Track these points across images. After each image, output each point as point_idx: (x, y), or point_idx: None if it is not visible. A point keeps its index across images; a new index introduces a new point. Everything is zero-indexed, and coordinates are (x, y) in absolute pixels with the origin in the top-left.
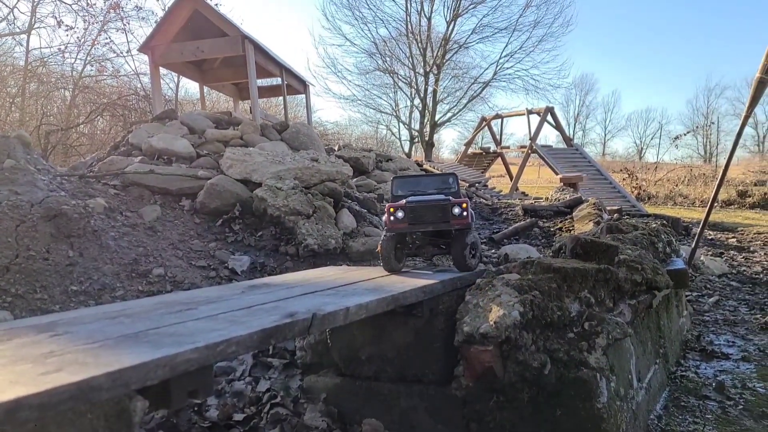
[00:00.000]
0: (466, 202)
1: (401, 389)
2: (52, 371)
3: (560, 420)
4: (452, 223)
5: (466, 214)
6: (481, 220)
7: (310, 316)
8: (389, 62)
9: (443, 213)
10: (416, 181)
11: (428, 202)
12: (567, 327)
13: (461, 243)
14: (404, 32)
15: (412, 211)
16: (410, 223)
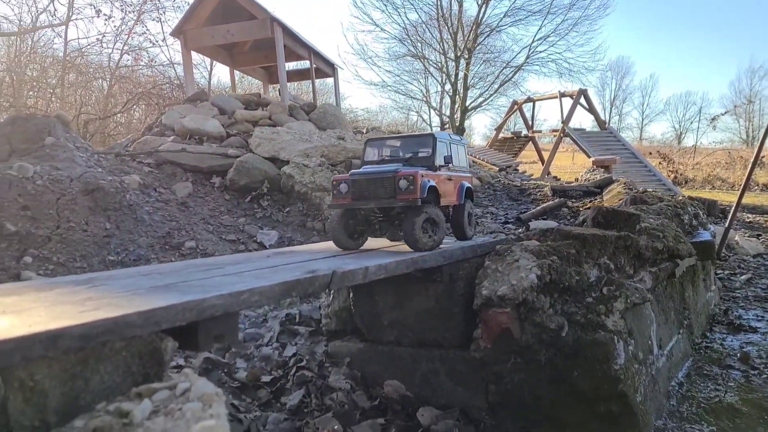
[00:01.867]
0: (415, 174)
1: (422, 353)
2: (90, 310)
3: (577, 380)
4: (398, 199)
5: (414, 187)
6: (509, 200)
7: (330, 273)
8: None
9: (386, 187)
10: (390, 143)
11: (371, 175)
12: (585, 291)
13: (412, 220)
14: (435, 16)
15: (354, 185)
16: (353, 198)
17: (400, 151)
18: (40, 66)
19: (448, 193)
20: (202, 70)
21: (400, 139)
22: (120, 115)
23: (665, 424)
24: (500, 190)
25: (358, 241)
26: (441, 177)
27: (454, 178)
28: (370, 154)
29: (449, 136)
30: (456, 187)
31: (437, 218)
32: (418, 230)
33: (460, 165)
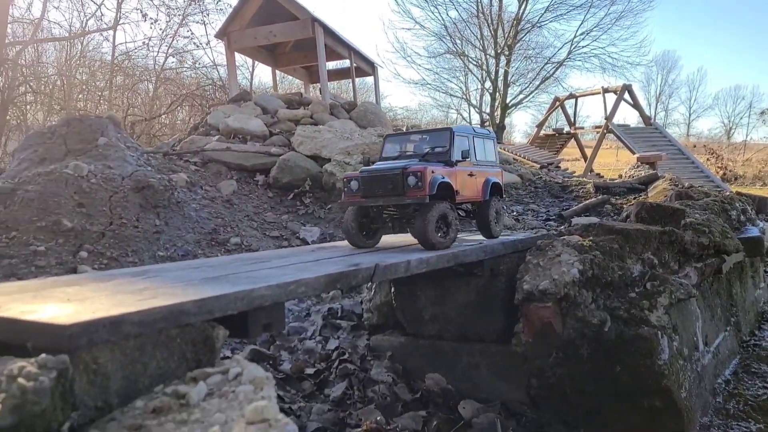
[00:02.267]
0: (423, 170)
1: (463, 347)
2: (147, 299)
3: (620, 376)
4: (406, 196)
5: (422, 184)
6: (551, 197)
7: (373, 266)
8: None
9: (395, 184)
10: (409, 139)
11: (380, 172)
12: (628, 286)
13: (423, 218)
14: (475, 13)
15: (364, 182)
16: (364, 195)
17: (418, 147)
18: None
19: (470, 189)
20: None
21: (418, 135)
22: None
23: (711, 421)
24: (541, 187)
25: (372, 240)
26: (458, 172)
27: (478, 174)
28: (389, 150)
29: (473, 130)
30: (480, 182)
31: (450, 216)
32: (431, 228)
33: (487, 160)
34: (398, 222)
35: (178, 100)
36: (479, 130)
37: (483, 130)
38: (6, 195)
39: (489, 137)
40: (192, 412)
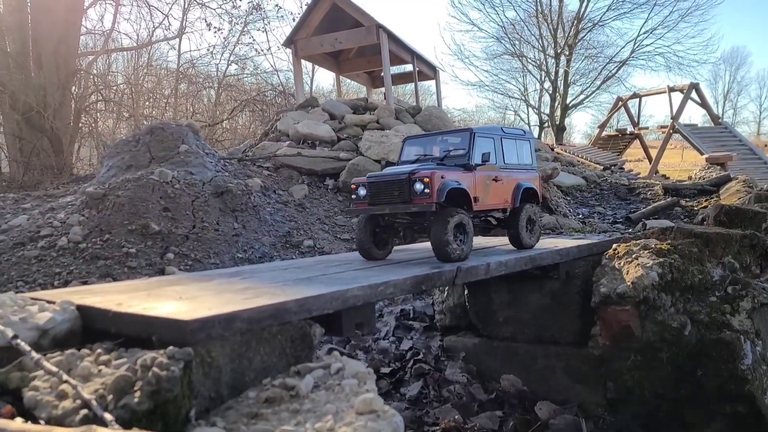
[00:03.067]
0: (429, 176)
1: (538, 350)
2: (251, 297)
3: (702, 380)
4: (413, 203)
5: (429, 191)
6: (617, 199)
7: (455, 269)
8: (518, 45)
9: (402, 190)
10: (428, 141)
11: (387, 177)
12: (708, 290)
13: (438, 227)
14: (533, 13)
15: (371, 188)
16: (371, 202)
17: (437, 150)
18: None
19: (494, 195)
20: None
21: (438, 136)
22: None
23: None
24: (607, 189)
25: (384, 250)
26: (478, 177)
27: (506, 179)
28: (408, 153)
29: (501, 131)
30: (509, 188)
31: (466, 225)
32: (449, 238)
33: (520, 163)
34: (409, 231)
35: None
36: (510, 130)
37: (516, 131)
38: (98, 200)
39: (524, 138)
40: (302, 402)
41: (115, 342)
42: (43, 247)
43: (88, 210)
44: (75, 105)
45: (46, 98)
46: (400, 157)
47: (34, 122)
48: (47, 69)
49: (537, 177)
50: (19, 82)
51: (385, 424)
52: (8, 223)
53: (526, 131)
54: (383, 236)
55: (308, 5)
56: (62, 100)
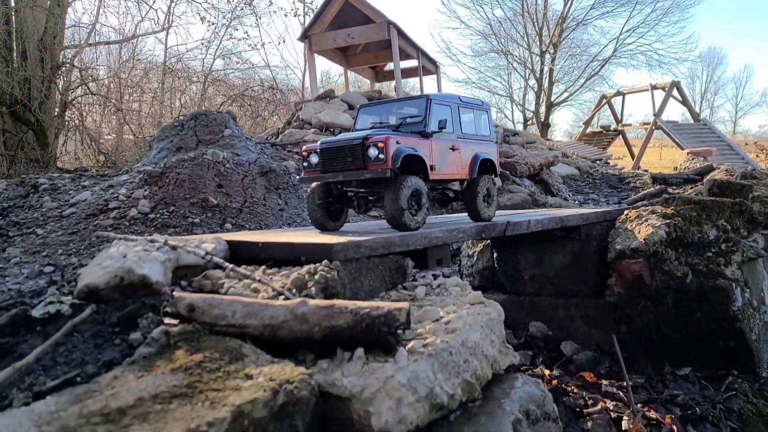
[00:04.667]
0: (384, 141)
1: (559, 302)
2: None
3: (700, 320)
4: (367, 170)
5: (384, 156)
6: (609, 188)
7: (505, 222)
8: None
9: (355, 156)
10: (384, 108)
11: (340, 143)
12: (706, 247)
13: (392, 194)
14: (519, 12)
15: (323, 154)
16: (323, 170)
17: (392, 117)
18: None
19: (451, 164)
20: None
21: (393, 104)
22: None
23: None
24: (599, 178)
25: (337, 222)
26: (435, 144)
27: (463, 148)
28: (363, 121)
29: (459, 99)
30: (467, 158)
31: (422, 193)
32: (402, 206)
33: (478, 133)
34: (364, 201)
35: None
36: (468, 99)
37: (474, 100)
38: (157, 177)
39: (482, 108)
40: (422, 303)
41: (267, 265)
42: (115, 217)
43: (149, 186)
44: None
45: (31, 91)
46: (355, 125)
47: (19, 115)
48: (32, 62)
49: (495, 149)
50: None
51: (492, 308)
52: (75, 198)
53: (484, 102)
54: (336, 206)
55: (323, 2)
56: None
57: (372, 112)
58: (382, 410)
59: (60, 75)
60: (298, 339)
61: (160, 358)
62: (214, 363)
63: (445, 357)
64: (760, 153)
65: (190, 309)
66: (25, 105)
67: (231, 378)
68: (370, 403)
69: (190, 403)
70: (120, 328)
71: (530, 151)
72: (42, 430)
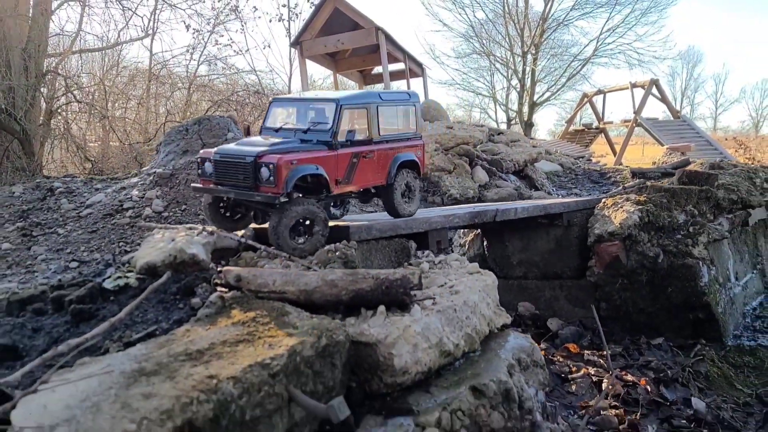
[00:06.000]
0: (278, 162)
1: (545, 284)
2: (373, 221)
3: (671, 295)
4: (258, 191)
5: (274, 179)
6: (591, 183)
7: (495, 210)
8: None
9: (247, 174)
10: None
11: (232, 157)
12: (675, 230)
13: (275, 221)
14: (501, 13)
15: (216, 166)
16: (216, 182)
17: (305, 116)
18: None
19: (363, 174)
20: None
21: (306, 103)
22: None
23: (741, 333)
24: (581, 174)
25: (240, 222)
26: (342, 157)
27: (380, 153)
28: (273, 117)
29: (379, 97)
30: (384, 163)
31: (313, 217)
32: (283, 234)
33: (401, 131)
34: (260, 212)
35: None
36: (390, 95)
37: (398, 94)
38: (167, 178)
39: (408, 102)
40: (427, 275)
41: None
42: (131, 216)
43: (159, 187)
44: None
45: (16, 100)
46: (265, 121)
47: (4, 124)
48: (16, 70)
49: (420, 145)
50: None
51: (488, 276)
52: (90, 200)
53: (412, 93)
54: (237, 210)
55: (312, 10)
56: (32, 102)
57: (284, 107)
58: (402, 353)
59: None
60: (328, 301)
61: (220, 316)
62: (265, 318)
63: (451, 313)
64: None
65: (237, 279)
66: (10, 114)
67: (281, 328)
68: (393, 347)
69: (253, 346)
70: (180, 296)
71: (515, 148)
72: (141, 365)
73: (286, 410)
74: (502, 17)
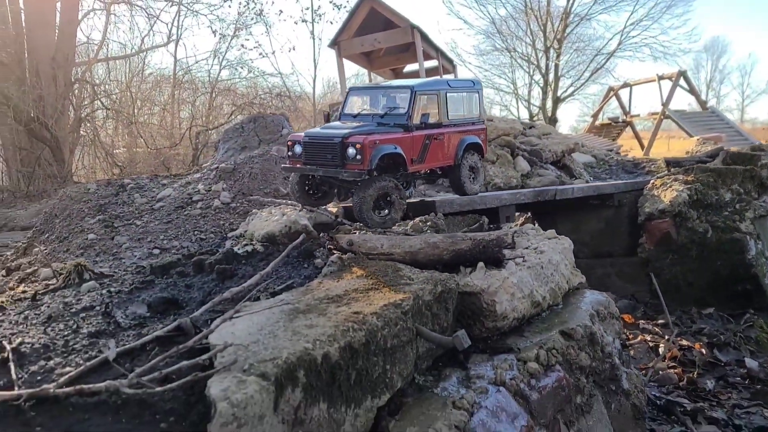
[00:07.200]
0: (364, 141)
1: (596, 262)
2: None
3: (719, 268)
4: (345, 169)
5: (361, 157)
6: (625, 173)
7: (554, 189)
8: (510, 41)
9: (334, 154)
10: (373, 93)
11: (321, 138)
12: (722, 207)
13: (360, 195)
14: (523, 9)
15: (305, 147)
16: (305, 162)
17: (380, 103)
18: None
19: (434, 154)
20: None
21: (380, 90)
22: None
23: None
24: (615, 165)
25: (323, 200)
26: (416, 138)
27: (449, 135)
28: (351, 104)
29: (447, 84)
30: (452, 145)
31: (392, 194)
32: (367, 208)
33: (466, 116)
34: (343, 190)
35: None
36: (457, 83)
37: (464, 82)
38: (229, 173)
39: (473, 89)
40: None
41: None
42: (202, 207)
43: (223, 181)
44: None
45: (46, 108)
46: (343, 108)
47: (36, 132)
48: (45, 79)
49: (483, 129)
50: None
51: (565, 240)
52: (160, 194)
53: (476, 81)
54: (323, 188)
55: (350, 11)
56: (62, 110)
57: (361, 95)
58: (502, 300)
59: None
60: (431, 260)
61: (343, 272)
62: (383, 272)
63: (538, 270)
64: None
65: (350, 243)
66: (41, 122)
67: (399, 279)
68: (495, 295)
69: (381, 292)
70: (302, 259)
71: (550, 140)
72: (295, 305)
73: (414, 343)
74: (524, 13)
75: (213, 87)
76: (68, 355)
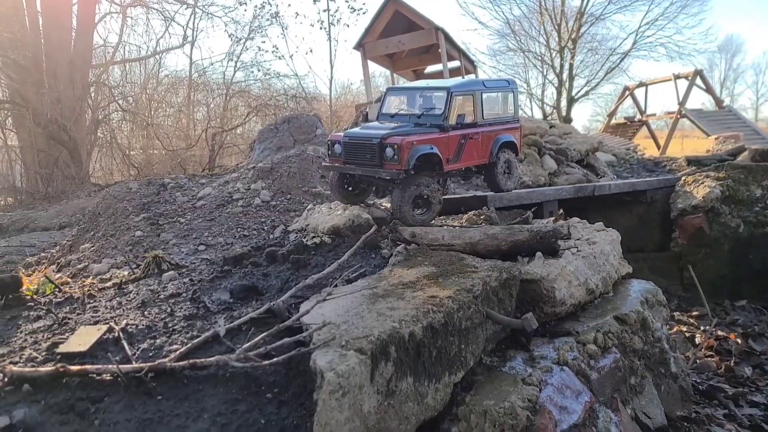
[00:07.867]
0: (401, 143)
1: (628, 257)
2: None
3: (752, 261)
4: (384, 168)
5: (398, 157)
6: (646, 172)
7: (593, 186)
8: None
9: (373, 153)
10: (410, 93)
11: (360, 138)
12: (753, 203)
13: (399, 194)
14: (537, 9)
15: (345, 147)
16: (345, 161)
17: (417, 103)
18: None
19: (470, 154)
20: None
21: (417, 91)
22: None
23: None
24: (635, 163)
25: (360, 197)
26: (452, 138)
27: (484, 135)
28: (389, 104)
29: (483, 84)
30: (487, 144)
31: (428, 193)
32: (406, 207)
33: (501, 115)
34: (382, 188)
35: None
36: (492, 83)
37: (499, 82)
38: (267, 172)
39: (508, 89)
40: None
41: None
42: (243, 205)
43: (261, 180)
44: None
45: (63, 111)
46: (381, 108)
47: (54, 134)
48: (63, 82)
49: (518, 128)
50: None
51: (613, 232)
52: (200, 193)
53: (510, 81)
54: (361, 186)
55: (375, 13)
56: (79, 112)
57: (398, 95)
58: (561, 287)
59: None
60: (490, 251)
61: (410, 261)
62: (449, 261)
63: (592, 259)
64: None
65: (412, 235)
66: (59, 124)
67: (465, 268)
68: (554, 282)
69: (450, 278)
70: (368, 250)
71: (573, 139)
72: (374, 291)
73: (484, 326)
74: (538, 13)
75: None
76: (171, 335)
